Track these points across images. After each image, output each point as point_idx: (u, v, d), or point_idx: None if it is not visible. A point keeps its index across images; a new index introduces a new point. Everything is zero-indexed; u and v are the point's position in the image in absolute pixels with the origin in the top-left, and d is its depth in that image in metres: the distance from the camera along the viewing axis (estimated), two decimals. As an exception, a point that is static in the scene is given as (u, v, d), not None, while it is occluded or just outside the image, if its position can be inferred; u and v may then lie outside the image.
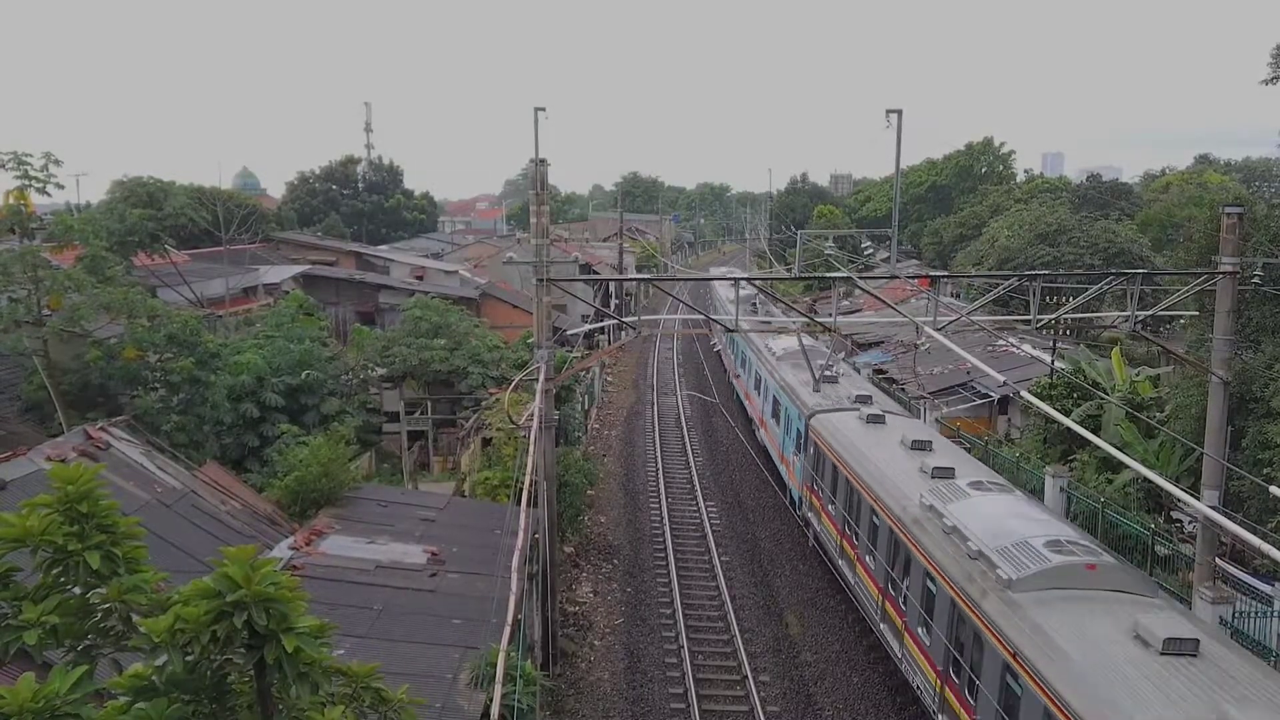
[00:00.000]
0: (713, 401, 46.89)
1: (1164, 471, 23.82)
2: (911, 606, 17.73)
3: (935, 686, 16.30)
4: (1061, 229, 54.58)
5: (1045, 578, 14.15)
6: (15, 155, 23.16)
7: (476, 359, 33.42)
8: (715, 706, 19.40)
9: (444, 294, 41.24)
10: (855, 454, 22.70)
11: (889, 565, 19.15)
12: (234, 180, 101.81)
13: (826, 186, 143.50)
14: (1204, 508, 13.37)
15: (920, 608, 17.21)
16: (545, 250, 19.52)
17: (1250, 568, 20.87)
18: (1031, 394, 23.16)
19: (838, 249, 64.09)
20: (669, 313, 64.56)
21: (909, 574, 17.93)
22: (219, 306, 39.98)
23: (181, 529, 17.14)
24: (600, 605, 24.25)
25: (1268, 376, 22.81)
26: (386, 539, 19.01)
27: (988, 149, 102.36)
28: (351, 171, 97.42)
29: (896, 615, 18.68)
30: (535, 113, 19.94)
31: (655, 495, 33.04)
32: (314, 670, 5.87)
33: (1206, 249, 25.16)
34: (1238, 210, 18.57)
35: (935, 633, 16.35)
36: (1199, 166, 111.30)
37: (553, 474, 20.66)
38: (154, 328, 25.64)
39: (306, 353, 29.77)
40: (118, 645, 6.21)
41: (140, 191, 40.92)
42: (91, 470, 6.26)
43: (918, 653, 17.36)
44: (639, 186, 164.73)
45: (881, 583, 19.60)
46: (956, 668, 15.43)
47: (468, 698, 13.69)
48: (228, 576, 5.62)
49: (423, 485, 29.70)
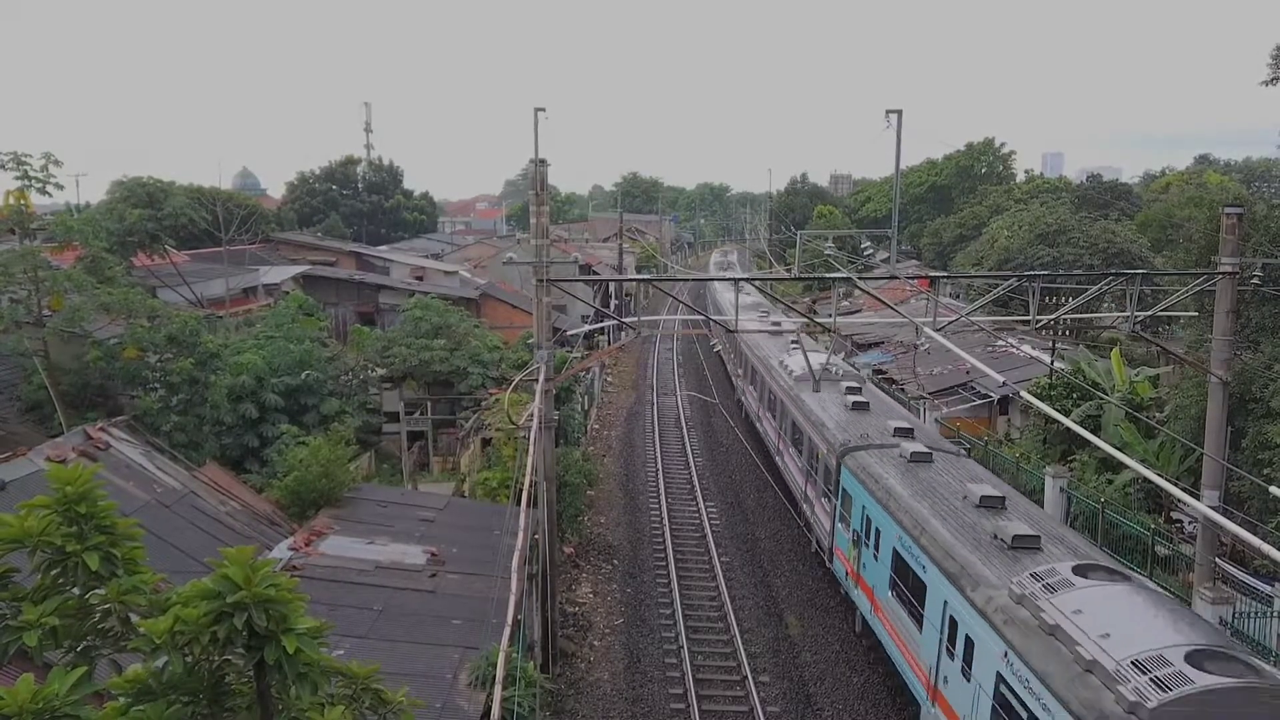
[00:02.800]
0: (713, 401, 46.88)
1: (1164, 472, 23.82)
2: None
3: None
4: (1061, 229, 54.55)
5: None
6: (15, 155, 23.23)
7: (476, 359, 33.43)
8: (715, 707, 19.38)
9: (444, 294, 41.26)
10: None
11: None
12: (234, 180, 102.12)
13: (826, 187, 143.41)
14: (1204, 508, 13.34)
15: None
16: (545, 251, 19.52)
17: (1250, 568, 20.87)
18: (1031, 394, 23.17)
19: (837, 249, 64.11)
20: (669, 313, 64.71)
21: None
22: (219, 307, 39.99)
23: (181, 529, 17.14)
24: (600, 605, 24.25)
25: (1267, 376, 22.80)
26: (386, 539, 19.01)
27: (988, 149, 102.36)
28: (351, 172, 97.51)
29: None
30: (535, 113, 20.00)
31: (655, 495, 33.03)
32: (314, 671, 5.88)
33: (1206, 249, 25.16)
34: (1237, 210, 18.58)
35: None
36: (1199, 167, 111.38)
37: (553, 474, 20.66)
38: (154, 328, 25.67)
39: (306, 353, 29.79)
40: (117, 646, 6.21)
41: (140, 192, 40.96)
42: (90, 471, 6.26)
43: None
44: (639, 187, 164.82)
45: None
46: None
47: (468, 698, 13.69)
48: (227, 577, 5.63)
49: (422, 486, 29.69)
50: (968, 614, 14.60)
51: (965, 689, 14.56)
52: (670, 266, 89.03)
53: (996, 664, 13.48)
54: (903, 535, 17.84)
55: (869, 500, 20.26)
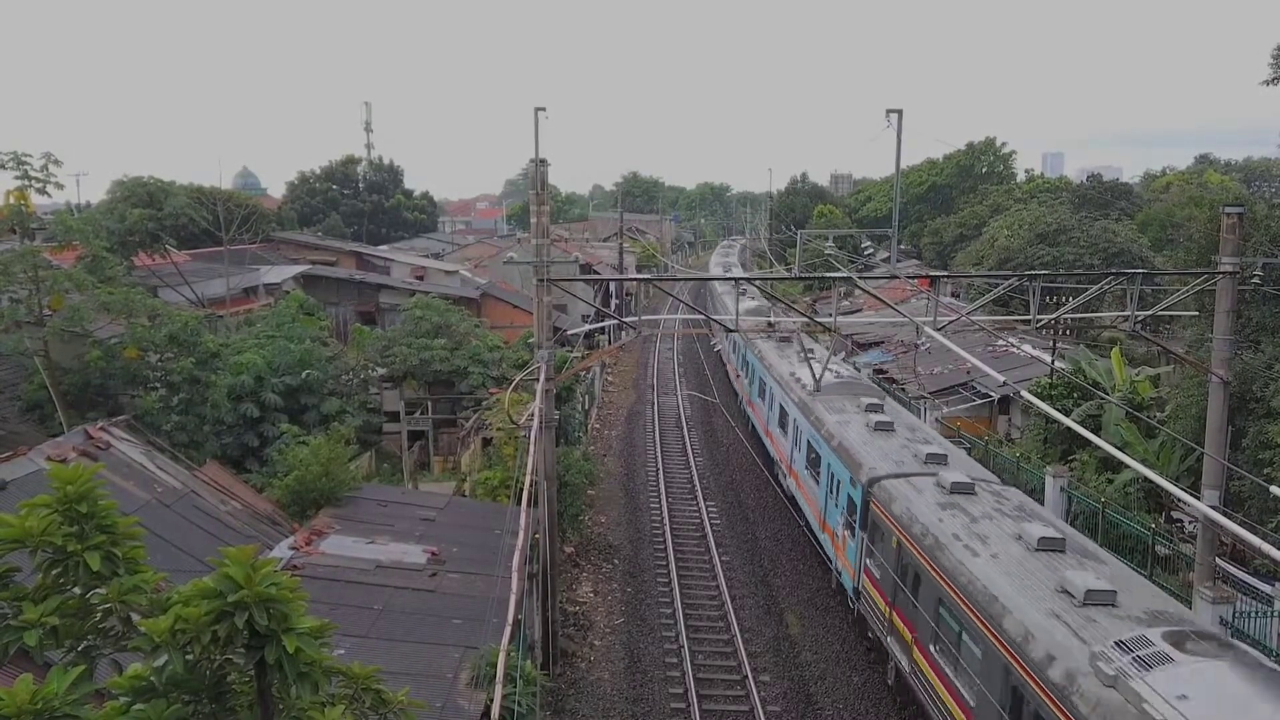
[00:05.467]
0: (713, 401, 46.87)
1: (1164, 471, 23.83)
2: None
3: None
4: (1061, 229, 54.59)
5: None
6: (15, 155, 23.21)
7: (477, 359, 33.43)
8: (715, 706, 19.38)
9: (444, 294, 41.26)
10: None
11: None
12: (234, 180, 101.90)
13: (826, 186, 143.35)
14: (1204, 508, 13.35)
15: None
16: (545, 250, 19.52)
17: (1250, 568, 20.89)
18: (1031, 394, 23.17)
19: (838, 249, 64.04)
20: (669, 313, 64.67)
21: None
22: (219, 306, 40.00)
23: (181, 529, 17.13)
24: (600, 605, 24.25)
25: (1268, 376, 22.82)
26: (386, 539, 19.01)
27: (988, 149, 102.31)
28: (352, 171, 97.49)
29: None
30: (535, 113, 19.97)
31: (655, 495, 33.03)
32: (314, 670, 5.89)
33: (1206, 249, 25.18)
34: (1238, 210, 18.58)
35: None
36: (1199, 166, 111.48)
37: (553, 474, 20.65)
38: (154, 328, 25.67)
39: (307, 353, 29.80)
40: (117, 646, 6.22)
41: (140, 191, 41.00)
42: (90, 470, 6.26)
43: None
44: (639, 186, 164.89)
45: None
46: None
47: (468, 697, 13.69)
48: (228, 576, 5.63)
49: (423, 485, 29.70)
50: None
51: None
52: (671, 266, 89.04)
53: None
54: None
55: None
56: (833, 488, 23.15)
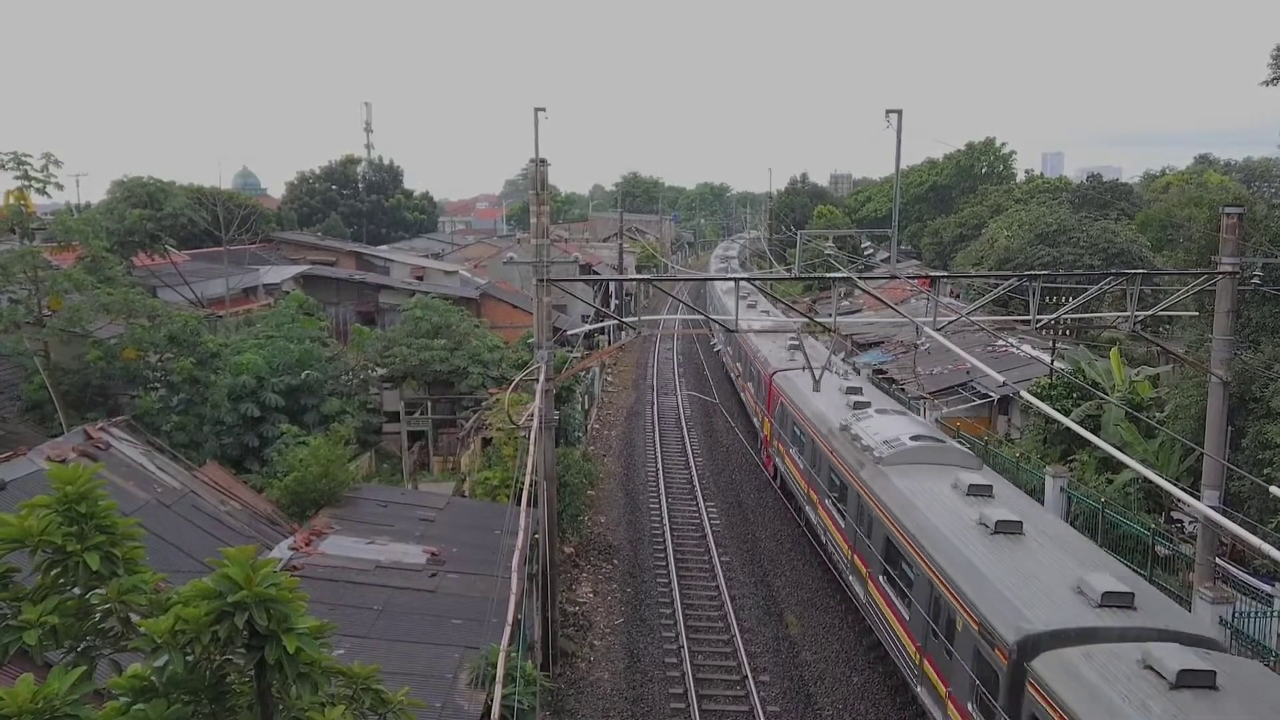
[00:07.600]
0: (713, 402, 46.88)
1: (1164, 471, 23.83)
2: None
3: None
4: (1061, 229, 54.58)
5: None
6: (15, 155, 23.21)
7: (477, 359, 33.42)
8: (715, 706, 19.39)
9: (444, 294, 41.25)
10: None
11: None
12: (234, 180, 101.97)
13: (826, 187, 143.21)
14: (1204, 508, 13.36)
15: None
16: (545, 250, 19.52)
17: (1250, 568, 20.87)
18: (1031, 394, 23.16)
19: (837, 249, 64.06)
20: (669, 313, 64.71)
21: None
22: (219, 306, 40.01)
23: (181, 529, 17.13)
24: (600, 605, 24.25)
25: (1267, 376, 22.81)
26: (386, 539, 19.01)
27: (988, 149, 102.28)
28: (351, 171, 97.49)
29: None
30: (535, 113, 19.97)
31: (655, 495, 33.03)
32: (314, 670, 5.88)
33: (1206, 249, 25.15)
34: (1238, 210, 18.58)
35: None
36: (1199, 166, 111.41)
37: (553, 474, 20.66)
38: (154, 328, 25.68)
39: (306, 353, 29.79)
40: (117, 646, 6.21)
41: (140, 192, 40.97)
42: (90, 470, 6.26)
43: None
44: (639, 186, 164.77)
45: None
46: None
47: (468, 698, 13.69)
48: (228, 577, 5.62)
49: (423, 485, 29.69)
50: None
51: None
52: (670, 266, 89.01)
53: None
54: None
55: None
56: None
